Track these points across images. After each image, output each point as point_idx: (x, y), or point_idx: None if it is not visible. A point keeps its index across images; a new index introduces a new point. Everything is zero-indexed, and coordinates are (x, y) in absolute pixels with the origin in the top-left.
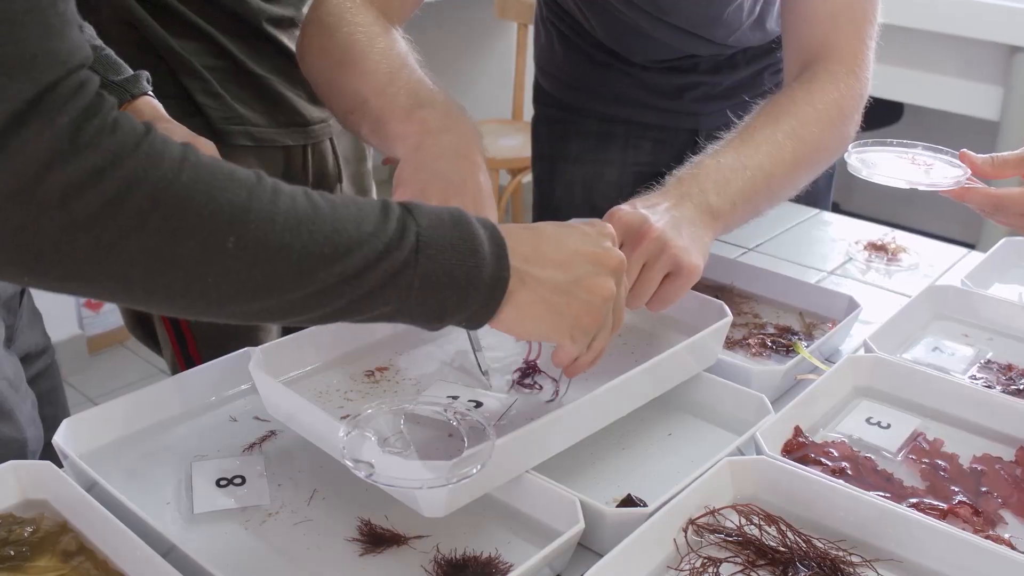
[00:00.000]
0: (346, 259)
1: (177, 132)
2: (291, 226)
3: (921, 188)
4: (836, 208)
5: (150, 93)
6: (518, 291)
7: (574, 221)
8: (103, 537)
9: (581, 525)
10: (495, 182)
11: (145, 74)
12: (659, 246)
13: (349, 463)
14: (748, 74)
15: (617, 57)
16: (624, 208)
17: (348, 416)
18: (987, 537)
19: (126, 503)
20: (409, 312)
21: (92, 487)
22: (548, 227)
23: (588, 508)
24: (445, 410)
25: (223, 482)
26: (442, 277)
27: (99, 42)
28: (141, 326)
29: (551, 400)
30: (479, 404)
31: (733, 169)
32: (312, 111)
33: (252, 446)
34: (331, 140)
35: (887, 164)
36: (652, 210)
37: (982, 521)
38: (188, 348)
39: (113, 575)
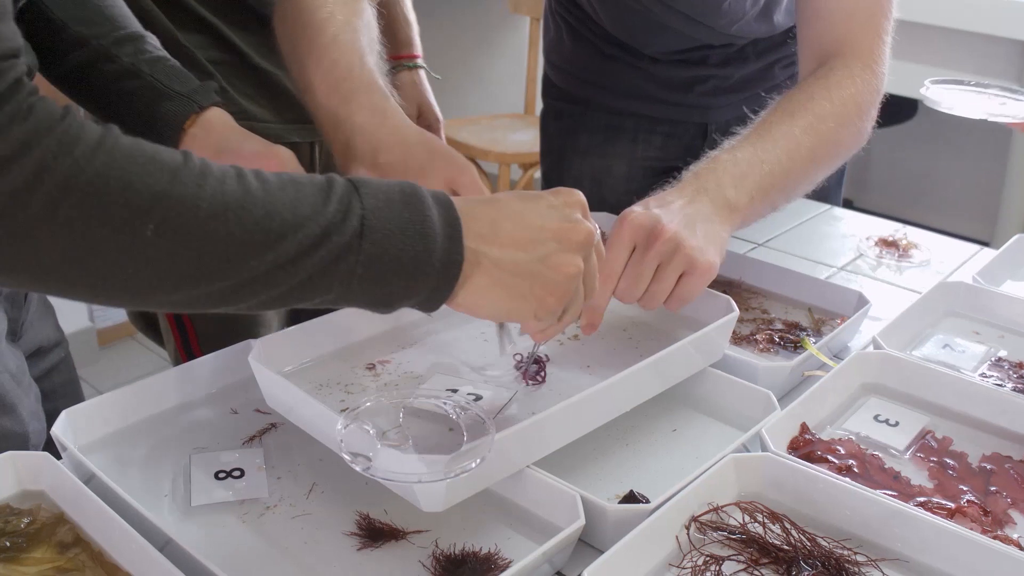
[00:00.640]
0: (279, 245)
1: (251, 142)
2: (217, 211)
3: (997, 120)
4: (848, 205)
5: (219, 103)
6: (474, 274)
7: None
8: (99, 529)
9: (581, 521)
10: (506, 176)
11: (214, 85)
12: (673, 247)
13: (346, 456)
14: (759, 67)
15: (626, 50)
16: (636, 210)
17: (347, 409)
18: (995, 537)
19: (123, 495)
20: (353, 299)
21: (90, 479)
22: (511, 201)
23: (589, 504)
24: (444, 403)
25: (222, 475)
26: (388, 263)
27: (163, 53)
28: (144, 317)
29: (534, 383)
30: (479, 397)
31: (751, 163)
32: None
33: (252, 439)
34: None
35: (964, 99)
36: (665, 209)
37: (991, 521)
38: (189, 340)
39: (109, 567)
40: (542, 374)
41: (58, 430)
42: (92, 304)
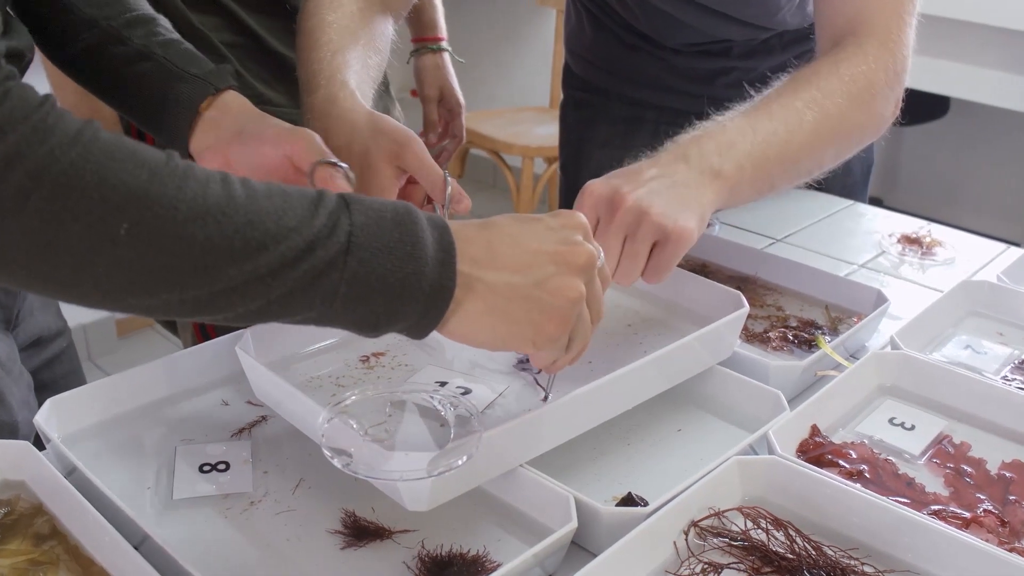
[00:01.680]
0: (259, 256)
1: (273, 124)
2: (196, 215)
3: None
4: (878, 204)
5: (235, 86)
6: (467, 299)
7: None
8: (76, 522)
9: (573, 524)
10: (529, 170)
11: (229, 67)
12: (635, 215)
13: (326, 452)
14: (784, 60)
15: (648, 40)
16: (595, 181)
17: (332, 403)
18: (1012, 550)
19: (102, 489)
20: (336, 318)
21: (73, 470)
22: (506, 223)
23: (583, 506)
24: (432, 397)
25: (206, 468)
26: (374, 283)
27: (176, 35)
28: None
29: (544, 399)
30: (468, 391)
31: (740, 131)
32: None
33: (241, 431)
34: None
35: None
36: (628, 179)
37: (1008, 532)
38: (207, 329)
39: (84, 561)
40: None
41: (41, 419)
42: (67, 303)
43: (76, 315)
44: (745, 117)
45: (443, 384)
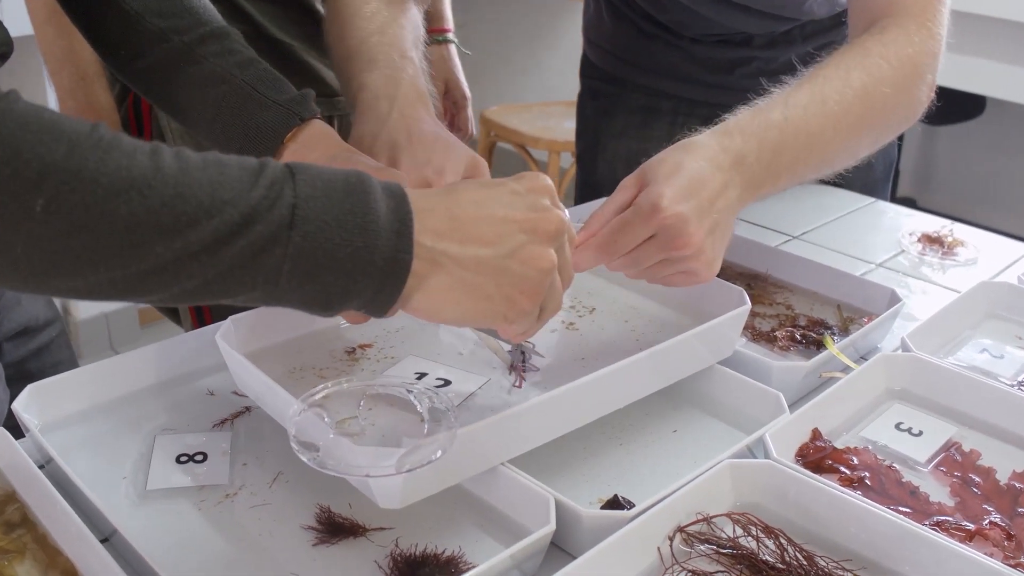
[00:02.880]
0: (190, 231)
1: (361, 162)
2: (119, 189)
3: None
4: (911, 204)
5: (319, 115)
6: (431, 274)
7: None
8: (45, 512)
9: (551, 526)
10: (556, 164)
11: (311, 93)
12: (689, 255)
13: (294, 445)
14: (805, 51)
15: (667, 29)
16: (671, 206)
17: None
18: (1016, 565)
19: (72, 478)
20: (283, 298)
21: (50, 460)
22: (470, 190)
23: (564, 508)
24: (408, 390)
25: (183, 458)
26: (321, 259)
27: (252, 53)
28: None
29: (516, 386)
30: (448, 382)
31: (795, 134)
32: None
33: (223, 422)
34: None
35: None
36: (699, 203)
37: (1014, 547)
38: (204, 319)
39: (51, 551)
40: (527, 364)
41: (19, 406)
42: None
43: (98, 304)
44: (803, 110)
45: (422, 376)
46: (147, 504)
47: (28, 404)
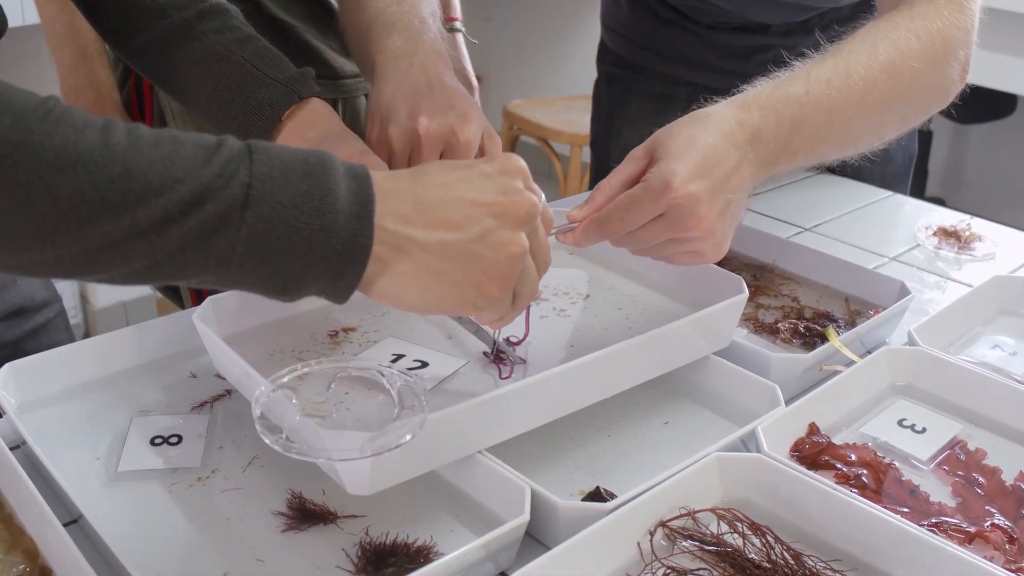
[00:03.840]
0: (137, 209)
1: (347, 145)
2: (65, 164)
3: None
4: (940, 205)
5: (318, 92)
6: (396, 259)
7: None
8: (12, 492)
9: (525, 517)
10: (578, 158)
11: (311, 71)
12: (697, 236)
13: (258, 427)
14: (825, 39)
15: (683, 15)
16: (684, 185)
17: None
18: (1018, 570)
19: (41, 459)
20: (237, 281)
21: (24, 440)
22: (437, 172)
23: (540, 499)
24: (380, 372)
25: (158, 440)
26: (276, 242)
27: (251, 30)
28: None
29: (506, 377)
30: (425, 364)
31: (816, 110)
32: (344, 64)
33: (203, 405)
34: (367, 97)
35: None
36: (712, 183)
37: (1016, 550)
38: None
39: (15, 531)
40: (513, 357)
41: None
42: None
43: (116, 293)
44: (826, 86)
45: (399, 357)
46: (117, 486)
47: (6, 382)
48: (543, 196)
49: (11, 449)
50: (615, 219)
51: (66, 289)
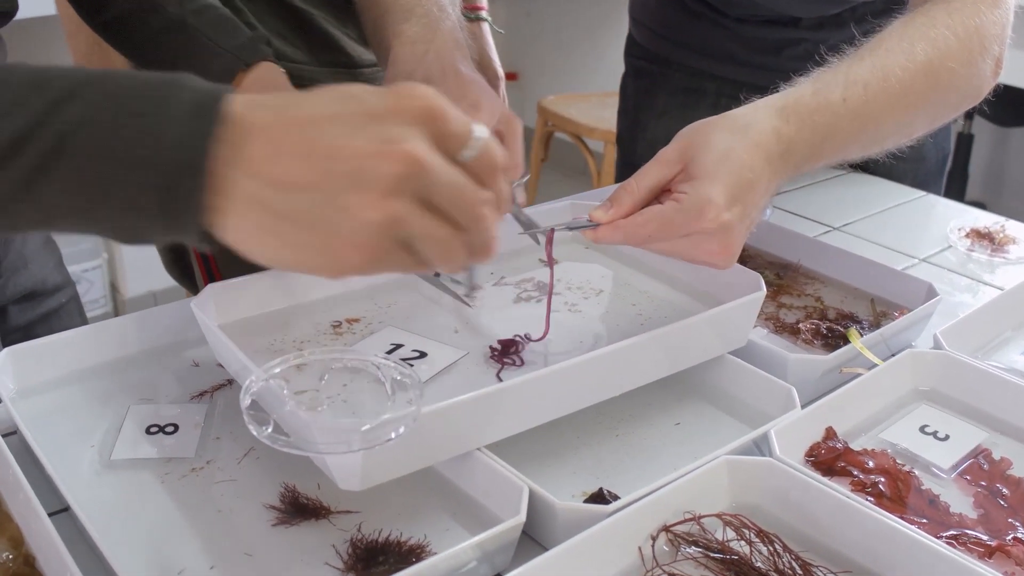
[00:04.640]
0: None
1: None
2: None
3: None
4: (982, 208)
5: (268, 57)
6: (235, 212)
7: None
8: (1, 479)
9: (521, 518)
10: (611, 156)
11: (264, 36)
12: (719, 249)
13: (246, 417)
14: (857, 33)
15: (712, 7)
16: (720, 214)
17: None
18: None
19: (32, 446)
20: (66, 228)
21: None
22: (319, 104)
23: (539, 499)
24: (375, 363)
25: (153, 429)
26: (96, 194)
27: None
28: (178, 266)
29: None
30: (423, 355)
31: (851, 118)
32: (362, 53)
33: (202, 394)
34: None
35: None
36: (743, 209)
37: None
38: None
39: (3, 517)
40: (517, 357)
41: None
42: None
43: (146, 282)
44: (863, 92)
45: (397, 347)
46: (109, 474)
47: (4, 367)
48: (483, 132)
49: (7, 436)
50: (641, 233)
51: (96, 279)
